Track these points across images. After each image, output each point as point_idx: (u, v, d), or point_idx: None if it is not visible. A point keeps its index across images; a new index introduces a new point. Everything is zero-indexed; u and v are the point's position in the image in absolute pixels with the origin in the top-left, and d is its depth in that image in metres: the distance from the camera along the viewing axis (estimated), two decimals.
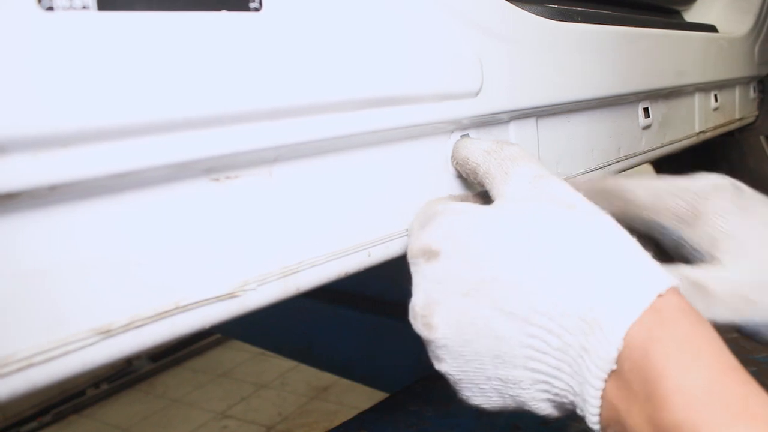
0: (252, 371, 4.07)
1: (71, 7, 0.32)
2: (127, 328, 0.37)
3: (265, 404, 3.68)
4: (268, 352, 3.70)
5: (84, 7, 0.32)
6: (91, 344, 0.36)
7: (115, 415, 3.75)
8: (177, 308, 0.39)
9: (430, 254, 0.50)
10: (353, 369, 1.86)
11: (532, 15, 0.70)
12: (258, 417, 3.55)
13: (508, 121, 0.69)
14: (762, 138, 1.84)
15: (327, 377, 3.68)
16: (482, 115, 0.61)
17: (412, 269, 0.53)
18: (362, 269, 0.54)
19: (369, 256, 0.53)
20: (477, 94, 0.59)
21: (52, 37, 0.31)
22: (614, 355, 0.40)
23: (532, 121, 0.72)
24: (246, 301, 0.43)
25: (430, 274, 0.51)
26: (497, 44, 0.63)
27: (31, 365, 0.34)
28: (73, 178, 0.34)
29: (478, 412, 1.12)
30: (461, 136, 0.61)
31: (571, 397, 0.44)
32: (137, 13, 0.34)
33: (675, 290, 0.43)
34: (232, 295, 0.42)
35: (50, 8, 0.31)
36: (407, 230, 0.56)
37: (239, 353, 4.31)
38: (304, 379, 3.83)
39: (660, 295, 0.41)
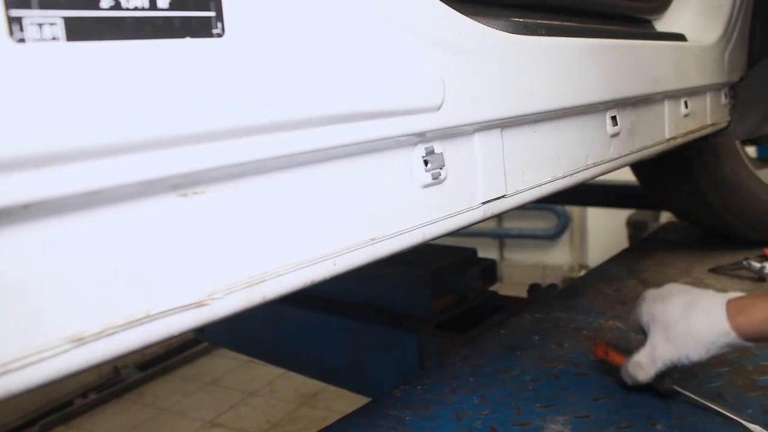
0: (240, 379, 4.08)
1: (41, 39, 0.34)
2: (99, 336, 0.39)
3: (253, 412, 3.69)
4: (256, 360, 3.72)
5: (54, 38, 0.35)
6: (65, 351, 0.38)
7: (103, 425, 3.75)
8: (147, 317, 0.42)
9: None
10: (338, 375, 1.88)
11: (495, 30, 0.73)
12: (247, 425, 3.57)
13: (472, 133, 0.71)
14: (737, 142, 1.89)
15: (315, 384, 3.70)
16: (445, 128, 0.64)
17: None
18: (328, 278, 0.56)
19: (334, 265, 0.56)
20: (439, 108, 0.62)
21: (23, 67, 0.34)
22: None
23: (497, 132, 0.75)
24: (214, 310, 0.46)
25: None
26: (459, 60, 0.65)
27: (7, 371, 0.36)
28: (46, 197, 0.36)
29: (456, 415, 1.15)
30: None
31: None
32: (105, 42, 0.37)
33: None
34: (200, 304, 0.45)
35: (22, 40, 0.34)
36: None
37: (228, 361, 4.32)
38: (292, 387, 3.85)
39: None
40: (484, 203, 0.75)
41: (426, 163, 0.66)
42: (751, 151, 2.22)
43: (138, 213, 0.42)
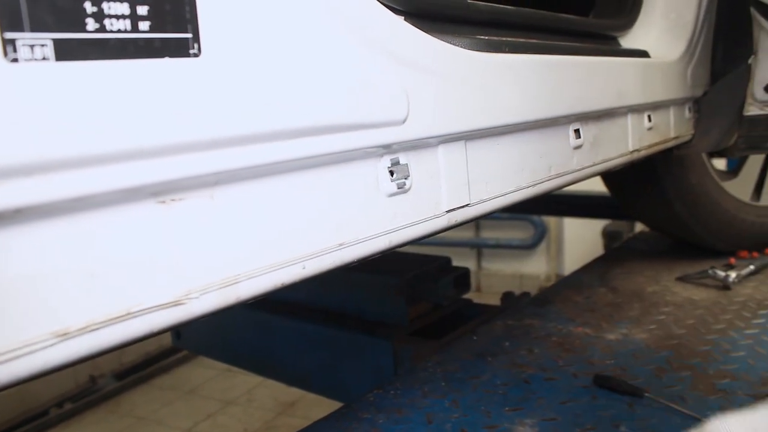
0: (219, 388, 4.09)
1: (33, 59, 0.38)
2: (83, 331, 0.43)
3: (231, 421, 3.70)
4: (234, 369, 3.73)
5: (44, 58, 0.38)
6: (51, 345, 0.41)
7: None
8: (128, 314, 0.45)
9: None
10: (314, 381, 1.90)
11: (458, 48, 0.77)
12: None
13: (436, 145, 0.76)
14: (704, 155, 1.95)
15: (293, 393, 3.71)
16: (410, 140, 0.68)
17: None
18: (298, 280, 0.60)
19: (303, 268, 0.60)
20: (404, 121, 0.66)
21: (16, 85, 0.37)
22: None
23: (460, 144, 0.80)
24: (190, 309, 0.49)
25: None
26: (423, 77, 0.70)
27: None
28: (36, 202, 0.39)
29: (427, 419, 1.18)
30: None
31: None
32: (91, 62, 0.40)
33: None
34: (177, 303, 0.48)
35: (15, 60, 0.37)
36: None
37: (206, 370, 4.32)
38: (270, 395, 3.86)
39: None
40: (448, 211, 0.79)
41: (392, 173, 0.70)
42: (721, 163, 2.29)
43: (120, 218, 0.45)
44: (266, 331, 1.95)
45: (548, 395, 1.24)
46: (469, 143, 0.81)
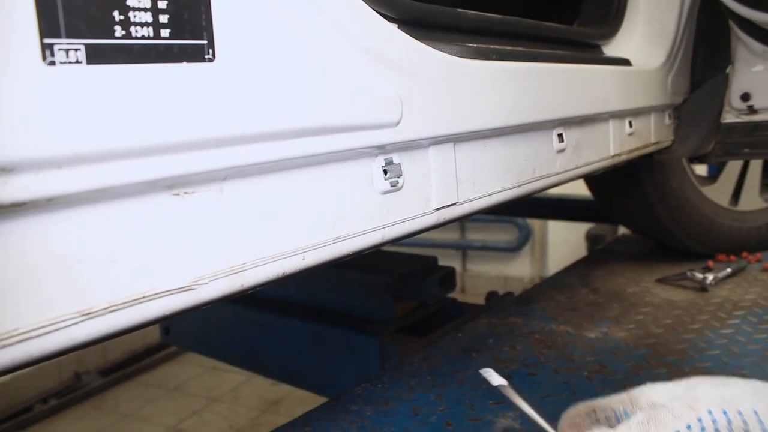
0: (204, 385, 4.10)
1: (68, 62, 0.42)
2: (105, 311, 0.47)
3: (216, 418, 3.72)
4: (220, 366, 3.75)
5: (77, 62, 0.42)
6: (76, 323, 0.45)
7: None
8: (144, 297, 0.49)
9: None
10: (302, 377, 1.93)
11: (449, 56, 0.81)
12: (209, 431, 3.59)
13: (427, 146, 0.80)
14: (684, 160, 2.01)
15: (278, 391, 3.74)
16: (403, 142, 0.73)
17: None
18: (298, 270, 0.64)
19: (303, 259, 0.64)
20: (397, 123, 0.71)
21: (53, 85, 0.41)
22: None
23: (450, 146, 0.84)
24: (200, 294, 0.53)
25: None
26: (417, 82, 0.74)
27: (29, 338, 0.43)
28: (66, 192, 0.43)
29: (413, 411, 1.22)
30: None
31: None
32: (118, 65, 0.45)
33: None
34: (188, 288, 0.52)
35: (52, 63, 0.41)
36: None
37: (191, 367, 4.34)
38: (255, 393, 3.88)
39: None
40: (437, 209, 0.83)
41: (385, 172, 0.74)
42: (702, 169, 2.35)
43: (138, 208, 0.49)
44: (255, 328, 1.98)
45: (530, 390, 1.28)
46: (458, 145, 0.86)
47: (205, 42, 0.50)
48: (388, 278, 1.74)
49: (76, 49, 0.42)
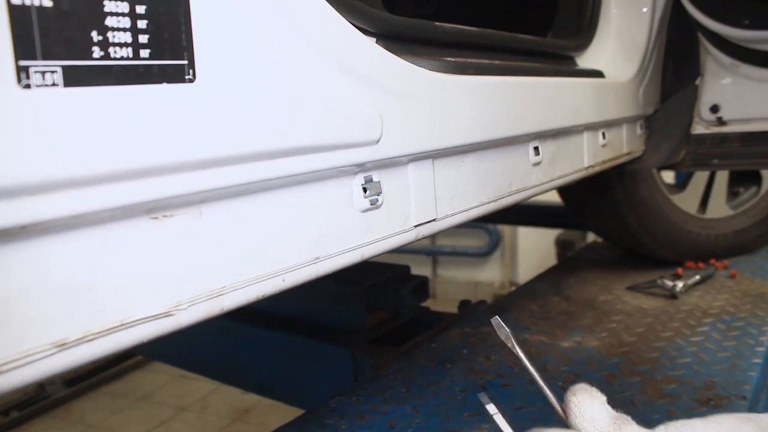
0: (172, 394, 4.05)
1: (44, 85, 0.40)
2: (80, 341, 0.45)
3: (185, 428, 3.67)
4: (188, 375, 3.70)
5: (54, 84, 0.41)
6: (51, 355, 0.44)
7: None
8: (122, 324, 0.47)
9: None
10: (274, 388, 1.92)
11: (428, 71, 0.81)
12: None
13: (406, 163, 0.80)
14: (653, 169, 2.03)
15: (248, 399, 3.71)
16: (383, 159, 0.72)
17: None
18: (278, 292, 0.63)
19: (283, 281, 0.63)
20: (377, 141, 0.70)
21: (28, 109, 0.40)
22: None
23: (428, 162, 0.84)
24: (179, 319, 0.52)
25: None
26: (396, 99, 0.74)
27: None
28: (40, 219, 0.42)
29: (389, 424, 1.21)
30: None
31: None
32: (96, 87, 0.43)
33: None
34: (167, 314, 0.51)
35: (27, 86, 0.39)
36: None
37: (159, 376, 4.28)
38: (225, 402, 3.84)
39: None
40: (416, 226, 0.83)
41: (365, 190, 0.73)
42: (669, 176, 2.38)
43: (115, 234, 0.47)
44: (226, 338, 1.96)
45: (505, 401, 1.28)
46: (436, 161, 0.85)
47: (185, 62, 0.49)
48: (361, 288, 1.74)
49: (52, 72, 0.40)
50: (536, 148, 1.14)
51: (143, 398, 4.07)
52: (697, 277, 1.94)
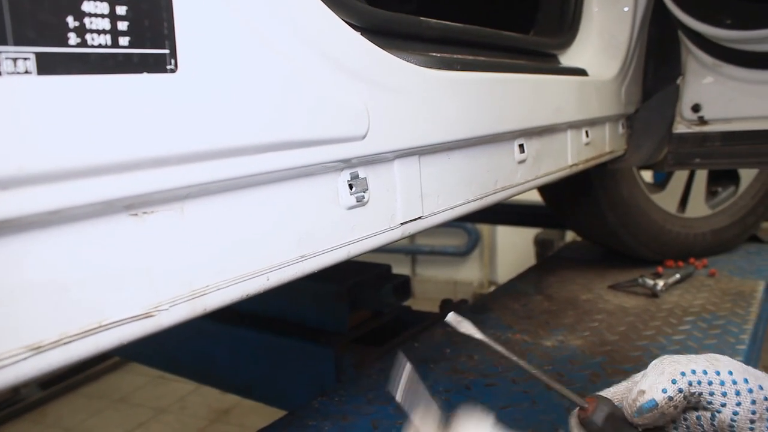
0: (150, 395, 4.00)
1: (15, 72, 0.38)
2: (56, 344, 0.43)
3: (164, 429, 3.62)
4: (167, 376, 3.65)
5: (26, 72, 0.39)
6: (24, 359, 0.41)
7: None
8: (100, 326, 0.45)
9: None
10: (254, 389, 1.89)
11: (415, 66, 0.79)
12: None
13: (393, 159, 0.78)
14: (634, 168, 2.03)
15: (227, 400, 3.67)
16: (369, 155, 0.70)
17: None
18: (262, 291, 0.61)
19: (267, 280, 0.61)
20: (364, 137, 0.68)
21: None
22: None
23: (414, 159, 0.82)
24: (159, 320, 0.50)
25: None
26: (383, 94, 0.72)
27: None
28: (13, 215, 0.39)
29: (373, 425, 1.20)
30: None
31: None
32: (72, 76, 0.41)
33: None
34: (147, 315, 0.49)
35: None
36: None
37: (137, 377, 4.22)
38: (204, 403, 3.80)
39: None
40: (402, 224, 0.81)
41: (351, 186, 0.71)
42: (648, 176, 2.39)
43: (93, 231, 0.45)
44: (204, 338, 1.93)
45: (489, 401, 1.27)
46: (422, 158, 0.84)
47: (167, 51, 0.47)
48: (342, 287, 1.72)
49: (25, 58, 0.38)
50: (521, 146, 1.12)
51: (121, 400, 4.01)
52: (677, 276, 1.95)
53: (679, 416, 0.70)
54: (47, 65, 0.39)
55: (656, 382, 0.67)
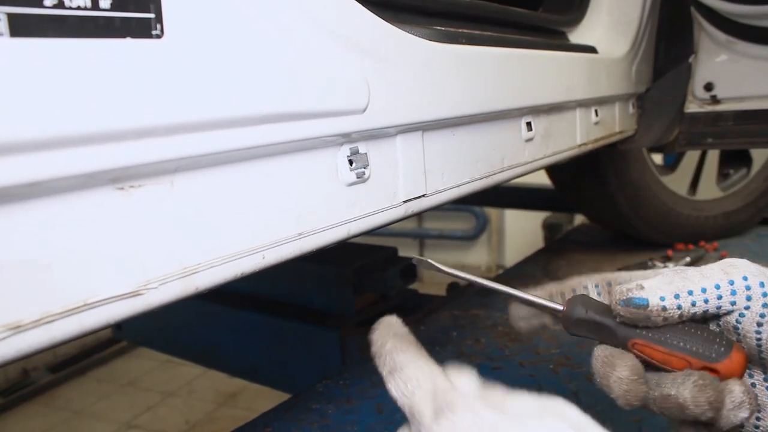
0: (158, 379, 4.01)
1: None
2: (37, 324, 0.41)
3: (172, 413, 3.64)
4: (175, 360, 3.66)
5: None
6: (3, 339, 0.39)
7: (12, 431, 3.62)
8: (85, 305, 0.43)
9: None
10: (260, 372, 1.88)
11: (418, 38, 0.77)
12: (165, 426, 3.51)
13: (395, 135, 0.75)
14: (644, 150, 2.00)
15: (235, 384, 3.67)
16: (370, 130, 0.68)
17: None
18: (257, 270, 0.59)
19: (263, 258, 0.58)
20: (364, 110, 0.66)
21: None
22: None
23: (418, 134, 0.79)
24: (149, 299, 0.48)
25: None
26: (384, 66, 0.69)
27: None
28: None
29: (377, 409, 1.18)
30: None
31: None
32: (48, 39, 0.38)
33: None
34: (135, 294, 0.47)
35: None
36: (417, 413, 0.53)
37: (145, 362, 4.23)
38: (212, 386, 3.81)
39: None
40: (405, 202, 0.79)
41: (351, 162, 0.69)
42: (658, 158, 2.36)
43: (77, 205, 0.43)
44: (211, 322, 1.92)
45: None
46: (426, 134, 0.81)
47: (152, 15, 0.44)
48: (348, 270, 1.70)
49: None
50: (529, 124, 1.10)
51: (129, 384, 4.02)
52: (688, 259, 1.92)
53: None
54: (21, 27, 0.37)
55: (659, 287, 0.61)
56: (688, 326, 0.62)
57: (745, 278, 0.61)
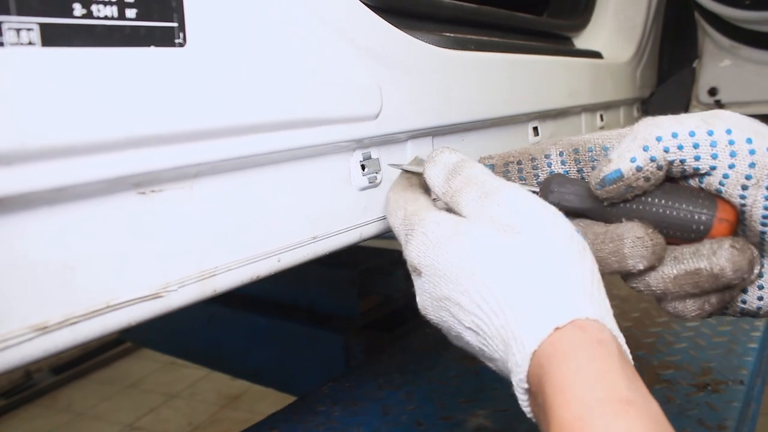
0: (161, 381, 4.01)
1: (19, 43, 0.37)
2: (62, 325, 0.42)
3: (175, 414, 3.64)
4: (177, 362, 3.67)
5: (30, 43, 0.37)
6: (29, 339, 0.40)
7: None
8: (108, 307, 0.44)
9: (416, 271, 0.60)
10: (264, 375, 1.89)
11: (429, 45, 0.78)
12: (168, 428, 3.51)
13: (405, 140, 0.77)
14: None
15: (238, 386, 3.68)
16: (381, 135, 0.69)
17: (411, 275, 0.63)
18: (273, 273, 0.60)
19: (279, 261, 0.59)
20: (377, 116, 0.67)
21: (1, 69, 0.36)
22: (523, 376, 0.49)
23: (428, 140, 0.80)
24: (168, 301, 0.49)
25: (419, 286, 0.61)
26: (396, 73, 0.70)
27: None
28: (16, 192, 0.38)
29: (383, 411, 1.19)
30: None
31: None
32: (77, 48, 0.39)
33: (578, 323, 0.46)
34: (155, 296, 0.48)
35: (0, 44, 0.36)
36: (394, 228, 0.63)
37: (148, 363, 4.24)
38: (214, 388, 3.81)
39: (558, 328, 0.46)
40: None
41: (363, 167, 0.70)
42: None
43: (100, 209, 0.44)
44: (215, 324, 1.93)
45: (500, 386, 1.26)
46: (436, 139, 0.82)
47: (175, 24, 0.45)
48: (353, 272, 1.71)
49: (28, 29, 0.37)
50: (535, 129, 1.11)
51: (132, 385, 4.03)
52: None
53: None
54: (52, 36, 0.38)
55: (626, 150, 0.55)
56: (670, 187, 0.57)
57: (729, 131, 0.54)
